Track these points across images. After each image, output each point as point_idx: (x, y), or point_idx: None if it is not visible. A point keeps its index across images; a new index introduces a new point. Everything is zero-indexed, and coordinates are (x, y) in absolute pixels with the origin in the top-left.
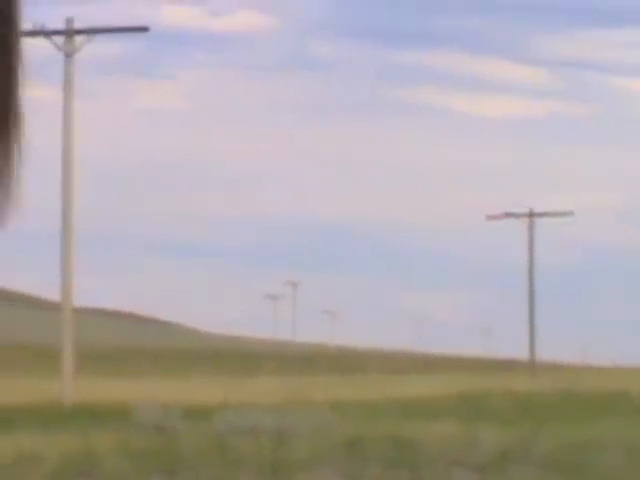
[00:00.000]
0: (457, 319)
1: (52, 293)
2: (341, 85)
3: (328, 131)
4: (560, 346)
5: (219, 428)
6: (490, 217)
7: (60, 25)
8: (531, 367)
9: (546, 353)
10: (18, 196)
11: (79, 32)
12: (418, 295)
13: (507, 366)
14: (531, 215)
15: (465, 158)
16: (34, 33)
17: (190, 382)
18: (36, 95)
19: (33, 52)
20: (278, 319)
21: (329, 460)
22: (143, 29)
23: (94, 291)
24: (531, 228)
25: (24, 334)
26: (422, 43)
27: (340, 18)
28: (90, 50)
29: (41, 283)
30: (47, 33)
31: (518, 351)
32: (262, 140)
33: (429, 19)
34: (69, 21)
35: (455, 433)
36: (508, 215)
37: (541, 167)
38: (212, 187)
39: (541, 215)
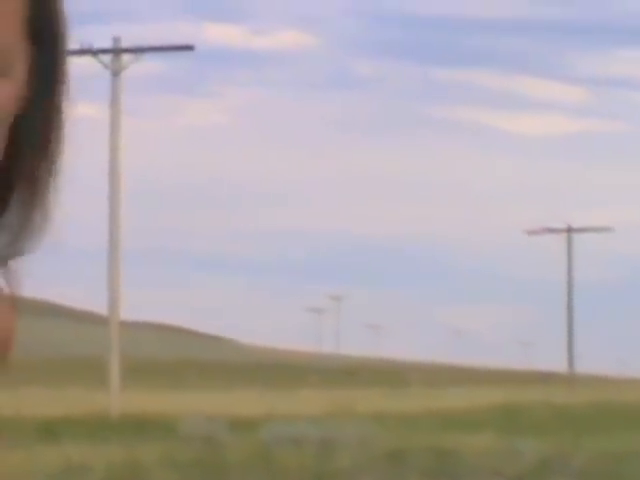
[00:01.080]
0: (497, 333)
1: (100, 307)
2: (380, 102)
3: (369, 148)
4: (598, 359)
5: (264, 439)
6: (530, 233)
7: (107, 44)
8: (570, 380)
9: (584, 366)
10: (57, 213)
11: (126, 51)
12: (459, 309)
13: (546, 379)
14: (570, 231)
15: (504, 175)
16: (82, 52)
17: (236, 394)
18: (83, 113)
19: (80, 70)
20: (322, 332)
21: (371, 470)
22: (188, 48)
23: (141, 305)
24: (570, 243)
25: (73, 347)
26: (460, 61)
27: (379, 37)
28: (137, 68)
29: (89, 297)
30: (95, 52)
31: (557, 364)
32: (305, 157)
33: (466, 37)
34: (116, 40)
35: (495, 444)
36: (547, 231)
37: (580, 183)
38: (256, 203)
39: (580, 231)
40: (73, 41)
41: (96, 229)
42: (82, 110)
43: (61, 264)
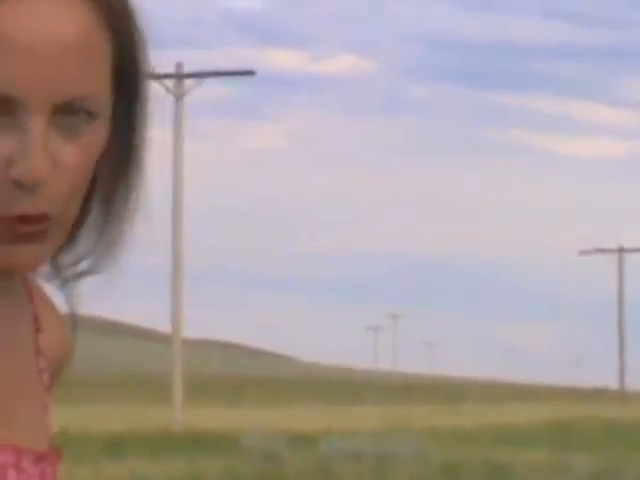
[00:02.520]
0: (550, 350)
1: (163, 325)
2: (436, 126)
3: (426, 170)
4: None
5: (323, 454)
6: (582, 252)
7: (170, 69)
8: (621, 395)
9: (635, 382)
10: (130, 235)
11: (188, 76)
12: (512, 327)
13: (598, 395)
14: (621, 251)
15: (557, 196)
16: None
17: (295, 410)
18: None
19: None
20: (380, 350)
21: None
22: (249, 73)
23: (204, 323)
24: (621, 263)
25: (138, 365)
26: (514, 86)
27: (435, 61)
28: (199, 93)
29: (153, 316)
30: (158, 77)
31: (608, 380)
32: (363, 179)
33: (521, 63)
34: (179, 65)
35: (547, 459)
36: (599, 251)
37: (630, 204)
38: (315, 224)
39: (630, 251)
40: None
41: (160, 249)
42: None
43: (127, 284)
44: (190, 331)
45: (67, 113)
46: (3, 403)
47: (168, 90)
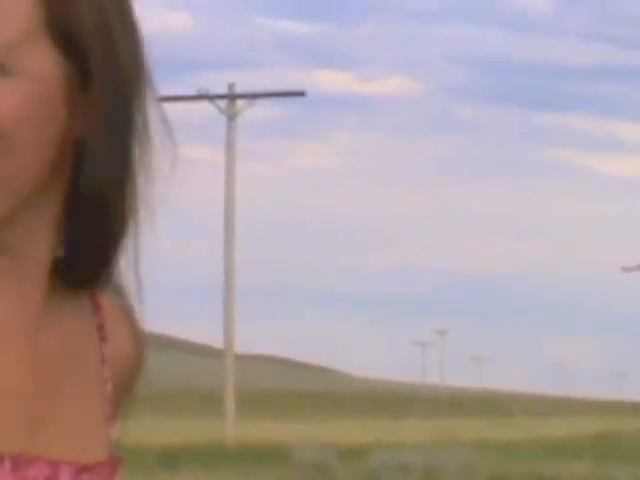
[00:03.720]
0: (595, 364)
1: (216, 341)
2: (482, 145)
3: (471, 189)
4: None
5: (372, 466)
6: (625, 269)
7: (223, 90)
8: None
9: None
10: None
11: (241, 96)
12: (558, 342)
13: None
14: None
15: (600, 214)
16: (198, 97)
17: (345, 424)
18: (200, 156)
19: (198, 115)
20: (426, 365)
21: None
22: (300, 94)
23: (256, 339)
24: None
25: (191, 379)
26: (557, 106)
27: (481, 83)
28: (251, 113)
29: (206, 332)
30: (211, 97)
31: None
32: (410, 197)
33: (563, 83)
34: (231, 86)
35: (592, 471)
36: None
37: None
38: (365, 241)
39: None
40: (190, 87)
41: (213, 267)
42: (199, 153)
43: (182, 301)
44: (242, 346)
45: None
46: (42, 415)
47: (221, 111)
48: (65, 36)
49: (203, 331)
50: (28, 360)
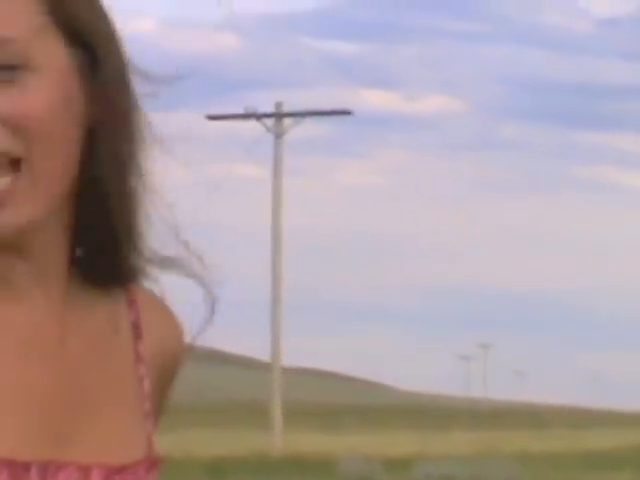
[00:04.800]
0: (634, 377)
1: (264, 354)
2: (525, 163)
3: (515, 206)
4: None
5: (417, 478)
6: None
7: (270, 108)
8: None
9: None
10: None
11: (288, 115)
12: (599, 355)
13: None
14: None
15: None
16: (247, 116)
17: (390, 436)
18: (248, 173)
19: (245, 133)
20: (471, 378)
21: None
22: (346, 112)
23: (302, 352)
24: None
25: (238, 392)
26: (599, 124)
27: (523, 101)
28: (297, 131)
29: (254, 345)
30: (258, 116)
31: None
32: (454, 214)
33: (605, 102)
34: (278, 105)
35: None
36: None
37: None
38: (409, 257)
39: None
40: (238, 106)
41: (260, 281)
42: (247, 170)
43: (229, 314)
44: (289, 360)
45: None
46: (73, 420)
47: (268, 129)
48: (72, 28)
49: (251, 345)
50: (56, 365)
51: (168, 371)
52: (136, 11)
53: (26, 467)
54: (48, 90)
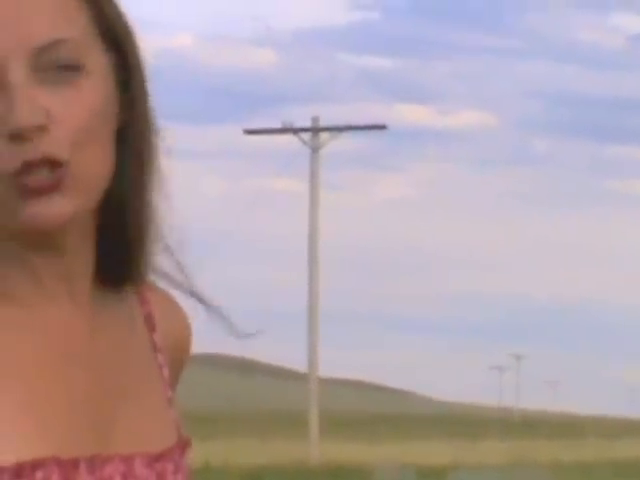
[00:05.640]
0: None
1: (301, 365)
2: (557, 177)
3: (547, 218)
4: None
5: None
6: None
7: (307, 123)
8: None
9: None
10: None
11: (324, 129)
12: (630, 365)
13: None
14: None
15: None
16: (284, 130)
17: (425, 445)
18: (286, 187)
19: (283, 147)
20: (504, 388)
21: None
22: (381, 127)
23: (339, 363)
24: None
25: (276, 402)
26: (631, 138)
27: (555, 116)
28: (334, 145)
29: (291, 356)
30: (295, 130)
31: None
32: (487, 227)
33: (638, 116)
34: (315, 119)
35: None
36: None
37: None
38: (443, 268)
39: None
40: (275, 120)
41: (298, 293)
42: (284, 184)
43: (268, 326)
44: (326, 370)
45: (51, 66)
46: (111, 413)
47: (305, 143)
48: (109, 34)
49: (289, 356)
50: (88, 362)
51: (180, 359)
52: (175, 26)
53: (75, 463)
54: (97, 91)
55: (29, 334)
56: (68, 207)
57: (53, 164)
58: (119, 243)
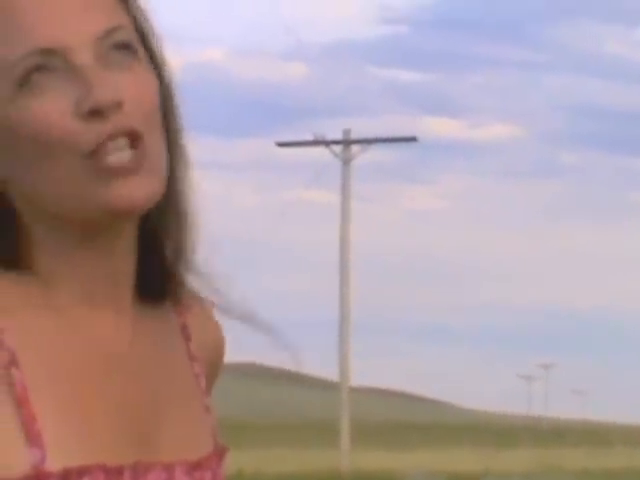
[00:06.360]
0: None
1: (332, 374)
2: (584, 188)
3: (574, 230)
4: None
5: None
6: None
7: (338, 135)
8: None
9: None
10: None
11: (355, 142)
12: None
13: None
14: None
15: None
16: (315, 143)
17: (454, 453)
18: (317, 198)
19: (314, 159)
20: (532, 397)
21: None
22: (411, 139)
23: (369, 372)
24: None
25: (308, 411)
26: None
27: (583, 129)
28: (365, 157)
29: (322, 365)
30: (327, 143)
31: None
32: (516, 237)
33: None
34: (346, 132)
35: None
36: None
37: None
38: (472, 278)
39: None
40: (306, 133)
41: (329, 303)
42: (316, 195)
43: (300, 336)
44: (357, 379)
45: (112, 48)
46: (152, 421)
47: (336, 155)
48: (143, 38)
49: (320, 365)
50: (131, 371)
51: (214, 368)
52: (207, 40)
53: (119, 470)
54: (152, 77)
55: (74, 339)
56: (150, 188)
57: (133, 137)
58: (158, 255)
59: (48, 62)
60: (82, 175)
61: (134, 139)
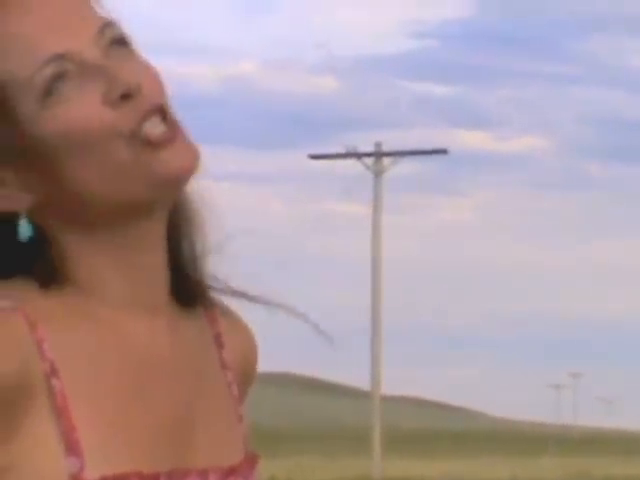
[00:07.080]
0: None
1: (364, 383)
2: (611, 200)
3: (601, 241)
4: None
5: None
6: None
7: (370, 148)
8: None
9: None
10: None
11: (387, 154)
12: None
13: None
14: None
15: None
16: (347, 155)
17: (484, 461)
18: (349, 210)
19: (346, 171)
20: (561, 406)
21: None
22: (442, 152)
23: (401, 381)
24: None
25: (340, 419)
26: None
27: (610, 141)
28: (396, 170)
29: (355, 375)
30: (359, 155)
31: None
32: (545, 249)
33: None
34: (378, 145)
35: None
36: None
37: None
38: (502, 289)
39: None
40: (339, 145)
41: (361, 312)
42: (348, 207)
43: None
44: (389, 388)
45: (110, 44)
46: (188, 428)
47: (368, 168)
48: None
49: (352, 374)
50: (168, 377)
51: (247, 377)
52: (238, 53)
53: (155, 478)
54: (150, 63)
55: (112, 346)
56: (193, 153)
57: (163, 112)
58: (182, 261)
59: (62, 68)
60: (130, 156)
61: (164, 114)
